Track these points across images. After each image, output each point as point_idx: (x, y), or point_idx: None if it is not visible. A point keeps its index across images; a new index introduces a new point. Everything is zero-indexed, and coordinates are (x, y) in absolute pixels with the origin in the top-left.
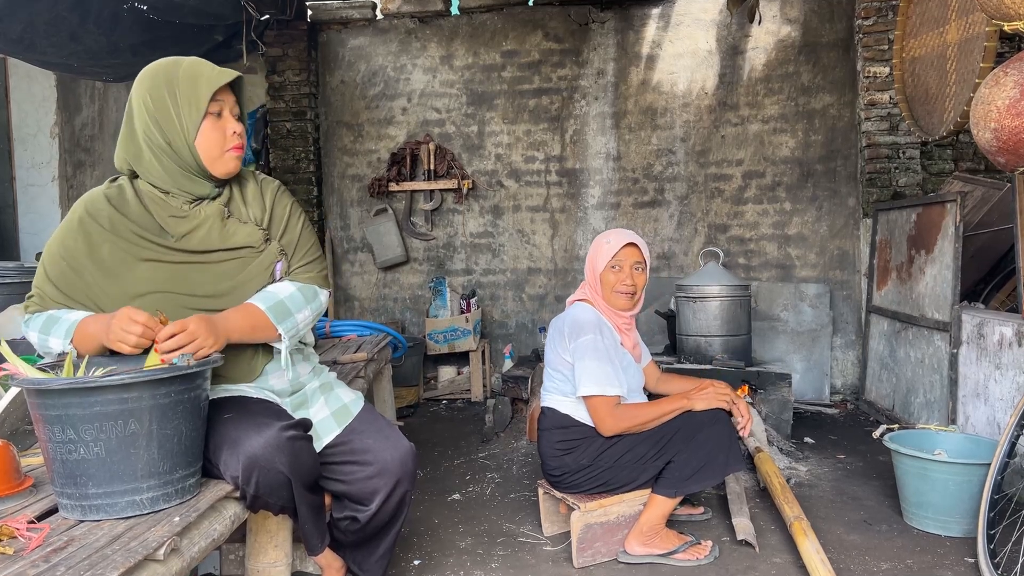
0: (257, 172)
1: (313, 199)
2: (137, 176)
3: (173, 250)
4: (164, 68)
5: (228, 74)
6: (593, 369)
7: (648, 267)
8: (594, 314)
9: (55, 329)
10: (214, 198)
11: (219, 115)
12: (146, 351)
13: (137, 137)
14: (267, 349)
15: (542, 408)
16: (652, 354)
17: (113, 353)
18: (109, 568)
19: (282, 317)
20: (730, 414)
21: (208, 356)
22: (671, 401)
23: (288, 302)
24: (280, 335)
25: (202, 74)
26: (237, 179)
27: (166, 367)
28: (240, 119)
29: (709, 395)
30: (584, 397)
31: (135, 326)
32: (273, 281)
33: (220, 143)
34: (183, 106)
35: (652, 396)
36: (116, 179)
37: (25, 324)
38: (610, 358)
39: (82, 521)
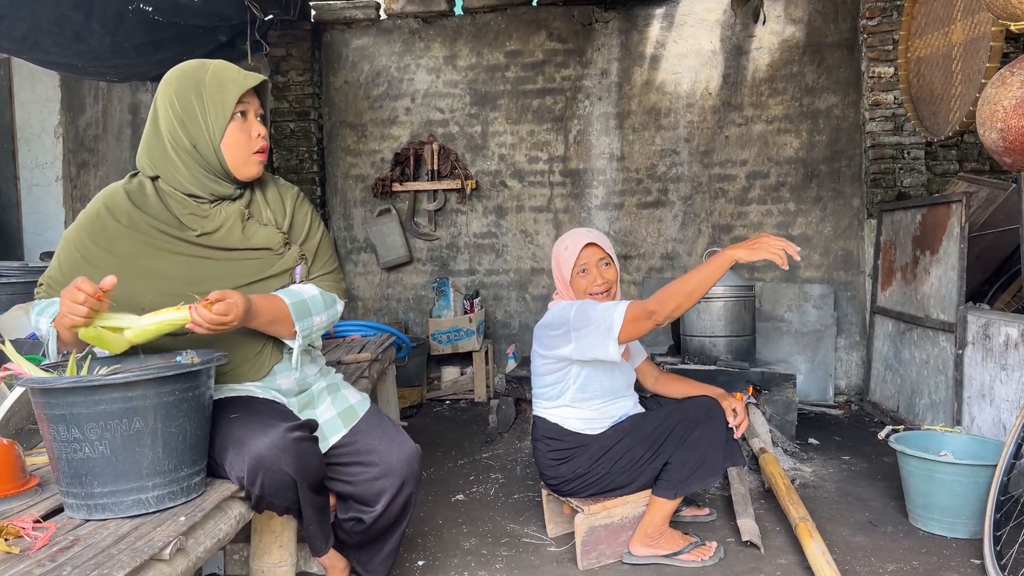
0: (276, 176)
1: (317, 199)
2: (158, 178)
3: (192, 244)
4: (191, 71)
5: (254, 77)
6: (598, 316)
7: (615, 259)
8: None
9: (48, 310)
10: (235, 199)
11: (244, 117)
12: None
13: (162, 138)
14: (276, 349)
15: (534, 417)
16: (656, 355)
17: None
18: (115, 568)
19: (302, 316)
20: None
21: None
22: (711, 260)
23: (310, 303)
24: (296, 332)
25: (229, 77)
26: (258, 181)
27: (171, 365)
28: (264, 122)
29: (760, 245)
30: (622, 337)
31: (79, 294)
32: (293, 283)
33: (246, 145)
34: (210, 108)
35: (652, 396)
36: (136, 174)
37: (32, 310)
38: (596, 305)
39: (88, 520)
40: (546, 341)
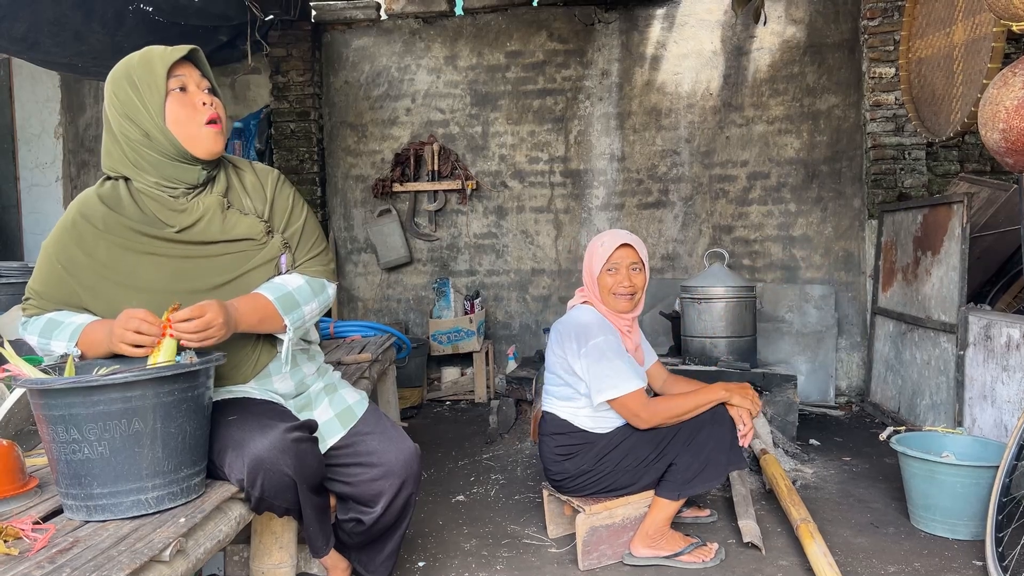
0: (255, 162)
1: (317, 200)
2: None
3: (172, 243)
4: (121, 65)
5: (180, 49)
6: (610, 371)
7: (647, 267)
8: (597, 316)
9: (58, 333)
10: (207, 184)
11: (184, 90)
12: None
13: (117, 139)
14: (270, 349)
15: (542, 413)
16: (657, 355)
17: (119, 356)
18: (115, 570)
19: (289, 308)
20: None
21: (212, 346)
22: (707, 392)
23: (296, 294)
24: (286, 326)
25: (154, 56)
26: (235, 169)
27: (169, 365)
28: (213, 93)
29: (748, 396)
30: (608, 401)
31: (136, 323)
32: (279, 274)
33: (191, 118)
34: (144, 92)
35: (655, 397)
36: (108, 178)
37: (23, 327)
38: (621, 355)
39: (87, 522)
40: (564, 342)
